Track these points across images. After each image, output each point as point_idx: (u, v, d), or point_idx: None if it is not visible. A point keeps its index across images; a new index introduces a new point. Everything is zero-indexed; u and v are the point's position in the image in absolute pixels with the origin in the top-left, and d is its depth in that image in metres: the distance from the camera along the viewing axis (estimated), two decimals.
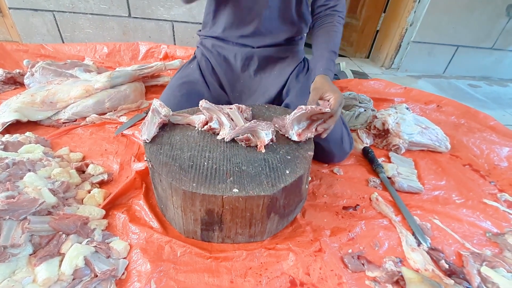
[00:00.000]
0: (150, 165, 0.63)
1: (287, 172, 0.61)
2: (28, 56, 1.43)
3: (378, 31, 2.18)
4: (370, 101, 1.25)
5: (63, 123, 1.02)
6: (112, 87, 1.12)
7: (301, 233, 0.70)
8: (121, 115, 1.10)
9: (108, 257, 0.58)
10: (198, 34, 1.01)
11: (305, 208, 0.77)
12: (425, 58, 2.05)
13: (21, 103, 0.97)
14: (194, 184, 0.56)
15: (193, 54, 1.05)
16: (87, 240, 0.60)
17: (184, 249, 0.63)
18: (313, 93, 0.71)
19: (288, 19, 0.87)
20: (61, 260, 0.55)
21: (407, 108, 1.14)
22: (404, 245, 0.69)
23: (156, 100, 0.70)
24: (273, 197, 0.57)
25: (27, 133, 0.90)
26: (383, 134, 1.10)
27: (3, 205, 0.55)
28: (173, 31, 1.73)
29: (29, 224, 0.55)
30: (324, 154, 0.91)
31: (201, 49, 0.99)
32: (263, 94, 0.93)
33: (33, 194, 0.61)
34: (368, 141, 1.09)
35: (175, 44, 1.76)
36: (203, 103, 0.69)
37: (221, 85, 0.96)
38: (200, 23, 1.67)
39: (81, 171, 0.80)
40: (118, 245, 0.60)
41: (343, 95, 0.88)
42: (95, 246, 0.58)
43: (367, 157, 1.00)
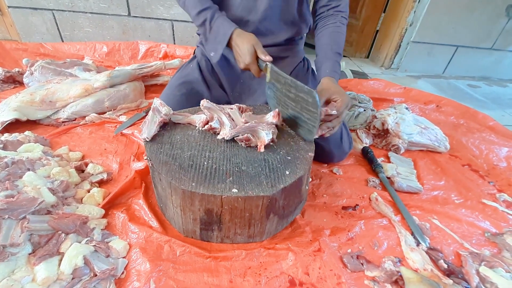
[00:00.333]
0: (150, 164, 0.63)
1: (287, 172, 0.61)
2: (27, 55, 1.42)
3: (378, 31, 2.18)
4: (369, 101, 1.25)
5: (63, 122, 1.02)
6: (112, 86, 1.12)
7: (300, 233, 0.70)
8: (121, 115, 1.10)
9: (108, 256, 0.58)
10: (198, 33, 1.01)
11: (304, 208, 0.77)
12: (424, 58, 2.05)
13: (20, 102, 0.96)
14: (193, 184, 0.56)
15: (193, 54, 1.05)
16: (87, 239, 0.60)
17: (184, 248, 0.63)
18: (320, 94, 0.70)
19: (288, 19, 0.87)
20: (60, 259, 0.55)
21: (406, 108, 1.14)
22: (403, 245, 0.69)
23: (156, 99, 0.70)
24: (273, 197, 0.57)
25: (26, 132, 0.90)
26: (382, 134, 1.10)
27: (2, 204, 0.55)
28: (173, 30, 1.72)
29: (28, 223, 0.55)
30: (323, 154, 0.91)
31: (201, 49, 0.99)
32: (263, 94, 0.93)
33: (32, 193, 0.61)
34: (367, 141, 1.09)
35: (174, 44, 1.75)
36: (204, 103, 0.69)
37: (221, 84, 0.96)
38: None
39: (80, 170, 0.80)
40: (118, 244, 0.61)
41: None
42: (95, 246, 0.58)
43: (367, 157, 1.00)
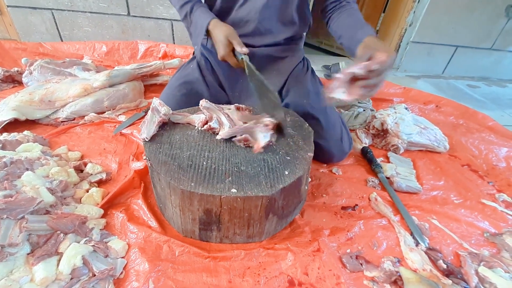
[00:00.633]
0: (149, 164, 0.63)
1: (286, 173, 0.61)
2: (26, 55, 1.42)
3: (377, 31, 2.18)
4: (369, 101, 1.25)
5: (62, 122, 1.02)
6: (111, 86, 1.12)
7: (299, 233, 0.70)
8: (120, 114, 1.10)
9: (106, 256, 0.58)
10: None
11: (303, 208, 0.77)
12: (424, 58, 2.05)
13: (19, 101, 0.96)
14: (192, 184, 0.56)
15: (192, 54, 1.05)
16: (85, 239, 0.60)
17: (183, 248, 0.63)
18: (363, 51, 0.66)
19: (288, 19, 0.87)
20: (59, 260, 0.55)
21: (406, 108, 1.14)
22: (402, 245, 0.69)
23: (156, 99, 0.70)
24: (272, 198, 0.57)
25: (25, 132, 0.90)
26: (382, 134, 1.10)
27: (1, 204, 0.54)
28: (172, 30, 1.72)
29: (26, 223, 0.55)
30: (323, 154, 0.91)
31: (200, 49, 0.99)
32: None
33: (31, 193, 0.61)
34: (367, 141, 1.09)
35: (174, 43, 1.75)
36: (203, 103, 0.69)
37: (220, 84, 0.96)
38: None
39: (79, 170, 0.80)
40: (116, 244, 0.60)
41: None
42: (93, 246, 0.58)
43: (366, 157, 1.00)
